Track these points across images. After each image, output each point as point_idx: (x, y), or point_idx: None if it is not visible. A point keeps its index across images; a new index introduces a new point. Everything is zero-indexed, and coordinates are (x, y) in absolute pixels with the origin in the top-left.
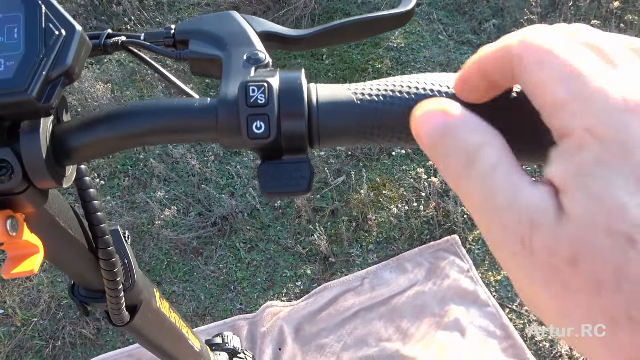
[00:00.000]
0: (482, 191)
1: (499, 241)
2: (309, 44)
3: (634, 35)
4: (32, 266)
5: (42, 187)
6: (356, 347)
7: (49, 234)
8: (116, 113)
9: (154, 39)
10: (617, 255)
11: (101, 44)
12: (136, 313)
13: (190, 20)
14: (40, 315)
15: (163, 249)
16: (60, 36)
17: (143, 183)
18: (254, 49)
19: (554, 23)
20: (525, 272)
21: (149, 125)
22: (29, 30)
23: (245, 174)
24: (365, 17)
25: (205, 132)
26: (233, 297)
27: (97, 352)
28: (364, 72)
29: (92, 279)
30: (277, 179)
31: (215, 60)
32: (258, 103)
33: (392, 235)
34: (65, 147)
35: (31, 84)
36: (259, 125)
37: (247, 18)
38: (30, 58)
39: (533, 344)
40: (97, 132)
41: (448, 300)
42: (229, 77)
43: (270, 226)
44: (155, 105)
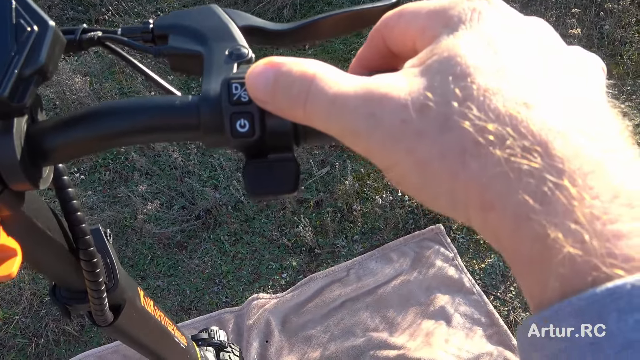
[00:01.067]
0: (328, 98)
1: (355, 128)
2: (293, 39)
3: (614, 24)
4: (11, 270)
5: (17, 190)
6: (343, 337)
7: (27, 237)
8: (94, 112)
9: (131, 34)
10: (461, 90)
11: (76, 40)
12: (120, 313)
13: (170, 14)
14: (22, 313)
15: (146, 244)
16: (32, 32)
17: (124, 177)
18: (236, 44)
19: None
20: (380, 141)
21: (128, 125)
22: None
23: (228, 167)
24: (351, 10)
25: (187, 131)
26: (219, 290)
27: (82, 348)
28: (346, 62)
29: (73, 280)
30: (263, 179)
31: (196, 56)
32: (241, 101)
33: (377, 225)
34: (41, 147)
35: (2, 83)
36: (243, 124)
37: (229, 12)
38: (1, 56)
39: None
40: (74, 132)
41: (434, 289)
42: (211, 74)
43: (255, 218)
44: (134, 104)
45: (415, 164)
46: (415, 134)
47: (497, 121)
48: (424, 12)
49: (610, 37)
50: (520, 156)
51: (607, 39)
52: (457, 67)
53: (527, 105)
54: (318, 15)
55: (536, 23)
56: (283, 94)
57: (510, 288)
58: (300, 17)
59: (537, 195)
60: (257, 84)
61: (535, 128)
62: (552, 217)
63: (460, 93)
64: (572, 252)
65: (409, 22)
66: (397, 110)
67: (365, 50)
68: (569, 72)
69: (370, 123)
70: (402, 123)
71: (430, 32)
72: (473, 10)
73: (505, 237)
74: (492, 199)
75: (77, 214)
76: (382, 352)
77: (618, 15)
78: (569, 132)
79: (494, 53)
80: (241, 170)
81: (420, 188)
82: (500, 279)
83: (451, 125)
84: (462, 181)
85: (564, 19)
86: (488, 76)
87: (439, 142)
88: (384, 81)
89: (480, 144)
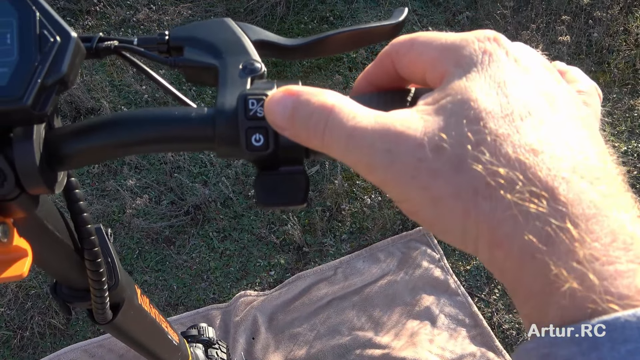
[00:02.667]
0: (346, 131)
1: (371, 162)
2: (303, 54)
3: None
4: (22, 270)
5: (34, 193)
6: (329, 336)
7: (37, 238)
8: (111, 121)
9: (147, 44)
10: (474, 135)
11: (93, 49)
12: (119, 311)
13: (185, 26)
14: (7, 306)
15: (134, 238)
16: (55, 43)
17: (113, 171)
18: (249, 59)
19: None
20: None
21: (145, 134)
22: (23, 37)
23: (218, 163)
24: (359, 27)
25: (201, 142)
26: (206, 286)
27: (67, 342)
28: (338, 62)
29: (76, 278)
30: (274, 191)
31: (210, 68)
32: (257, 116)
33: (365, 225)
34: (58, 153)
35: (26, 93)
36: (258, 138)
37: (242, 26)
38: (25, 65)
39: (501, 331)
40: (91, 140)
41: (419, 290)
42: (226, 87)
43: (244, 215)
44: (152, 114)
45: (429, 200)
46: (431, 172)
47: (507, 166)
48: (435, 45)
49: (598, 45)
50: (528, 201)
51: (595, 47)
52: (470, 111)
53: (535, 151)
54: (328, 32)
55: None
56: (301, 122)
57: (494, 290)
58: (293, 14)
59: (542, 236)
60: (276, 112)
61: (542, 174)
62: (555, 257)
63: (473, 137)
64: (573, 287)
65: (420, 53)
66: (413, 149)
67: (373, 68)
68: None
69: (387, 159)
70: (418, 161)
71: (441, 67)
72: (484, 52)
73: (510, 272)
74: (501, 238)
75: (84, 215)
76: (367, 351)
77: (606, 24)
78: (572, 178)
79: (504, 98)
80: (229, 168)
81: (433, 221)
82: (484, 281)
83: (465, 167)
84: (474, 220)
85: (553, 25)
86: (498, 121)
87: (453, 182)
88: (400, 118)
89: (491, 186)
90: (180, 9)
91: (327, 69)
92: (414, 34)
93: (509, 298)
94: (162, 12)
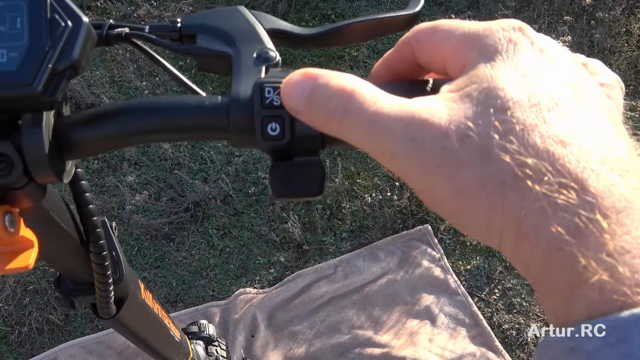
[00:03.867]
0: (367, 116)
1: (393, 150)
2: (317, 43)
3: (604, 33)
4: (28, 262)
5: (42, 182)
6: (328, 334)
7: (43, 229)
8: (122, 109)
9: (159, 32)
10: (502, 124)
11: (103, 35)
12: (123, 306)
13: (197, 13)
14: (5, 301)
15: (134, 234)
16: (66, 28)
17: (113, 166)
18: (264, 47)
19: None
20: (419, 166)
21: (157, 123)
22: (34, 21)
23: (218, 160)
24: (374, 17)
25: (215, 132)
26: (205, 283)
27: (65, 338)
28: (340, 60)
29: (81, 272)
30: (289, 181)
31: (223, 57)
32: (274, 105)
33: (365, 224)
34: (67, 142)
35: (36, 78)
36: (274, 127)
37: (256, 14)
38: (35, 50)
39: (500, 331)
40: (102, 128)
41: (419, 289)
42: (240, 76)
43: (244, 213)
44: (164, 102)
45: (454, 191)
46: (456, 162)
47: (536, 156)
48: (457, 33)
49: (600, 45)
50: (557, 192)
51: (597, 48)
52: (497, 99)
53: (563, 142)
54: (343, 22)
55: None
56: (319, 106)
57: (494, 290)
58: (295, 12)
59: (570, 228)
60: (293, 94)
61: (572, 166)
62: (584, 248)
63: (500, 126)
64: (602, 280)
65: (441, 40)
66: (439, 138)
67: (392, 55)
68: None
69: (410, 147)
70: (443, 150)
71: (463, 56)
72: (509, 40)
73: (536, 265)
74: (528, 230)
75: (90, 207)
76: (366, 349)
77: (608, 25)
78: (601, 170)
79: (530, 87)
80: (229, 165)
81: (456, 213)
82: (485, 281)
83: (492, 157)
84: (500, 211)
85: (555, 25)
86: (526, 111)
87: (479, 172)
88: (425, 106)
89: (519, 177)
90: (181, 5)
91: (329, 66)
92: (436, 21)
93: (509, 298)
94: (163, 8)
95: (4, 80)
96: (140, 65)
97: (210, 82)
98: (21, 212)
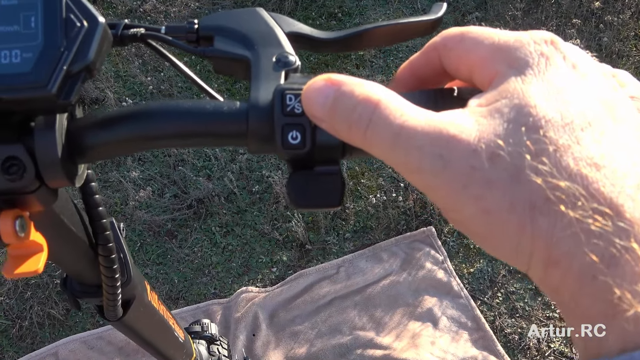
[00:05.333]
0: (393, 129)
1: (419, 166)
2: (338, 48)
3: (612, 37)
4: (37, 265)
5: (54, 187)
6: (330, 335)
7: (53, 232)
8: (138, 112)
9: (175, 33)
10: (534, 144)
11: (118, 36)
12: (129, 308)
13: (215, 14)
14: (7, 295)
15: (136, 230)
16: (82, 28)
17: (117, 162)
18: (283, 51)
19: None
20: (446, 183)
21: (173, 128)
22: (49, 20)
23: (223, 157)
24: (396, 22)
25: (233, 138)
26: (207, 281)
27: (66, 333)
28: (346, 59)
29: (88, 274)
30: (308, 191)
31: (241, 60)
32: (295, 112)
33: (369, 224)
34: (80, 145)
35: (51, 79)
36: (295, 136)
37: (275, 17)
38: (50, 51)
39: (503, 336)
40: (116, 132)
41: (422, 291)
42: (259, 81)
43: (247, 211)
44: (181, 107)
45: (482, 211)
46: (485, 182)
47: (569, 179)
48: (487, 43)
49: (608, 49)
50: (591, 218)
51: (605, 51)
52: (529, 117)
53: (597, 165)
54: (365, 26)
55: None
56: (343, 115)
57: (497, 294)
58: (301, 10)
59: (604, 256)
60: (315, 101)
61: (606, 190)
62: (619, 279)
63: (532, 146)
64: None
65: (469, 49)
66: (467, 156)
67: (418, 59)
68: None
69: (438, 164)
70: (472, 169)
71: (492, 67)
72: (541, 54)
73: (566, 292)
74: (559, 256)
75: (99, 209)
76: (368, 351)
77: (617, 29)
78: (637, 195)
79: (563, 105)
80: (234, 163)
81: (483, 234)
82: (488, 285)
83: (522, 179)
84: (529, 235)
85: (564, 28)
86: (558, 130)
87: (509, 193)
88: (453, 121)
89: (550, 201)
90: (187, 0)
91: (334, 65)
92: (465, 27)
93: (511, 302)
94: (169, 4)
95: (18, 82)
96: (146, 61)
97: (215, 78)
98: (31, 215)
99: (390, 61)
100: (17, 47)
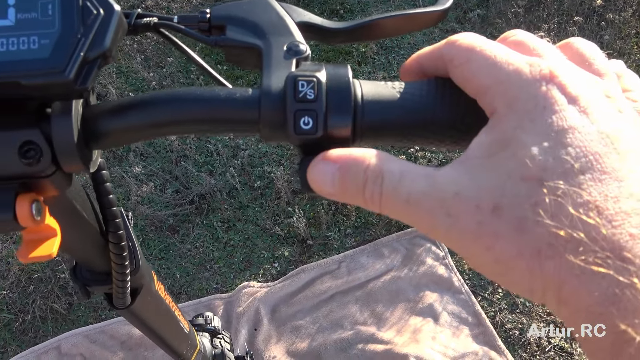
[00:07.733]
0: (402, 198)
1: (433, 225)
2: (347, 38)
3: (613, 35)
4: (52, 250)
5: (69, 171)
6: (331, 329)
7: (66, 218)
8: (152, 99)
9: (187, 22)
10: (532, 195)
11: (131, 25)
12: (137, 296)
13: (226, 4)
14: (10, 289)
15: (139, 226)
16: (98, 16)
17: (119, 157)
18: (294, 40)
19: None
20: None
21: (186, 114)
22: (66, 8)
23: (225, 153)
24: (404, 13)
25: (245, 124)
26: (209, 276)
27: (69, 327)
28: (347, 55)
29: (98, 261)
30: None
31: (253, 49)
32: (307, 99)
33: (370, 220)
34: (95, 131)
35: (68, 66)
36: (306, 121)
37: (285, 7)
38: (68, 37)
39: (503, 331)
40: (131, 118)
41: (423, 287)
42: (270, 69)
43: (249, 206)
44: (195, 93)
45: (494, 260)
46: (492, 234)
47: (569, 226)
48: (489, 71)
49: (609, 47)
50: (593, 263)
51: (606, 49)
52: (526, 169)
53: (598, 209)
54: (374, 17)
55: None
56: (355, 192)
57: (497, 290)
58: (303, 6)
59: (608, 296)
60: (323, 182)
61: (607, 233)
62: (622, 314)
63: (531, 197)
64: None
65: (473, 73)
66: (472, 212)
67: (427, 56)
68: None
69: (447, 222)
70: (478, 224)
71: (491, 101)
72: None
73: (578, 327)
74: (567, 296)
75: (110, 197)
76: (369, 346)
77: (618, 27)
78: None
79: (562, 150)
80: (235, 158)
81: (499, 277)
82: (488, 280)
83: (525, 228)
84: (539, 277)
85: (565, 26)
86: (557, 178)
87: (515, 242)
88: (452, 180)
89: (554, 246)
90: None
91: (336, 61)
92: (472, 44)
93: (512, 298)
94: (172, 0)
95: (36, 67)
96: (148, 56)
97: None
98: (45, 200)
99: (392, 58)
100: (35, 34)
